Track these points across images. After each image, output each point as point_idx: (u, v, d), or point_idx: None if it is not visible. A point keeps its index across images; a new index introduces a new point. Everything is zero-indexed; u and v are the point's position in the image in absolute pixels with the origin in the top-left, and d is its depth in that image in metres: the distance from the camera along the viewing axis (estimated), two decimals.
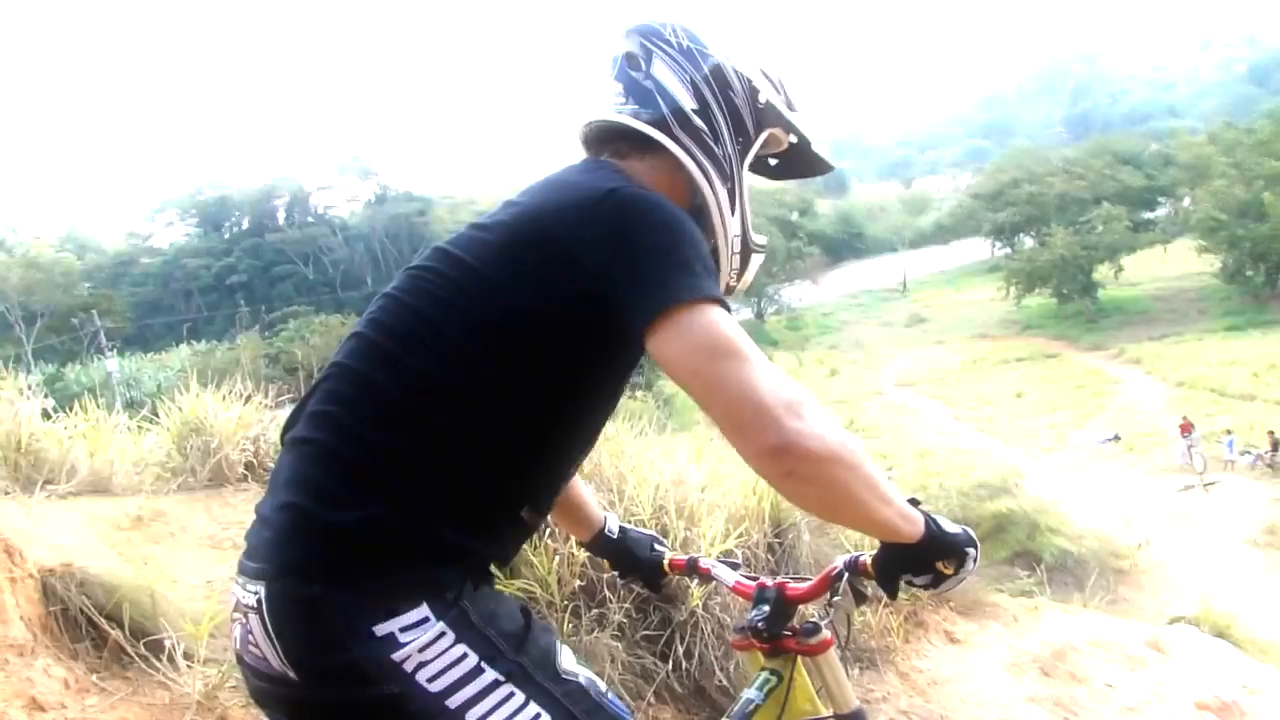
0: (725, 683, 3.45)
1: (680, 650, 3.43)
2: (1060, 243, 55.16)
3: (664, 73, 1.84)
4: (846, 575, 2.01)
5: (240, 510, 3.85)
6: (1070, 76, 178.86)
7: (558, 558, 3.30)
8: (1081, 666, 4.85)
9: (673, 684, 3.42)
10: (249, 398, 4.38)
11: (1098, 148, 71.98)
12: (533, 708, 1.58)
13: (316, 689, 1.55)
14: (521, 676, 1.60)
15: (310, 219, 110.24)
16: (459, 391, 1.62)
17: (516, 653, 1.61)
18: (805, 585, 2.09)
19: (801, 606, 2.08)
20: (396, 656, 1.51)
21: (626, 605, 3.39)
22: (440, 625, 1.54)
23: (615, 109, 1.85)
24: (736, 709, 1.97)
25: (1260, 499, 29.28)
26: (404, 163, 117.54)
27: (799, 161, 2.05)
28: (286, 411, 4.81)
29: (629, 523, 3.60)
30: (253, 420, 4.32)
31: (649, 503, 3.66)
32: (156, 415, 4.40)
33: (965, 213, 76.22)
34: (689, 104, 1.83)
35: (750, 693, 2.03)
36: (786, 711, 2.05)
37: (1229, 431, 33.46)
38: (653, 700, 3.36)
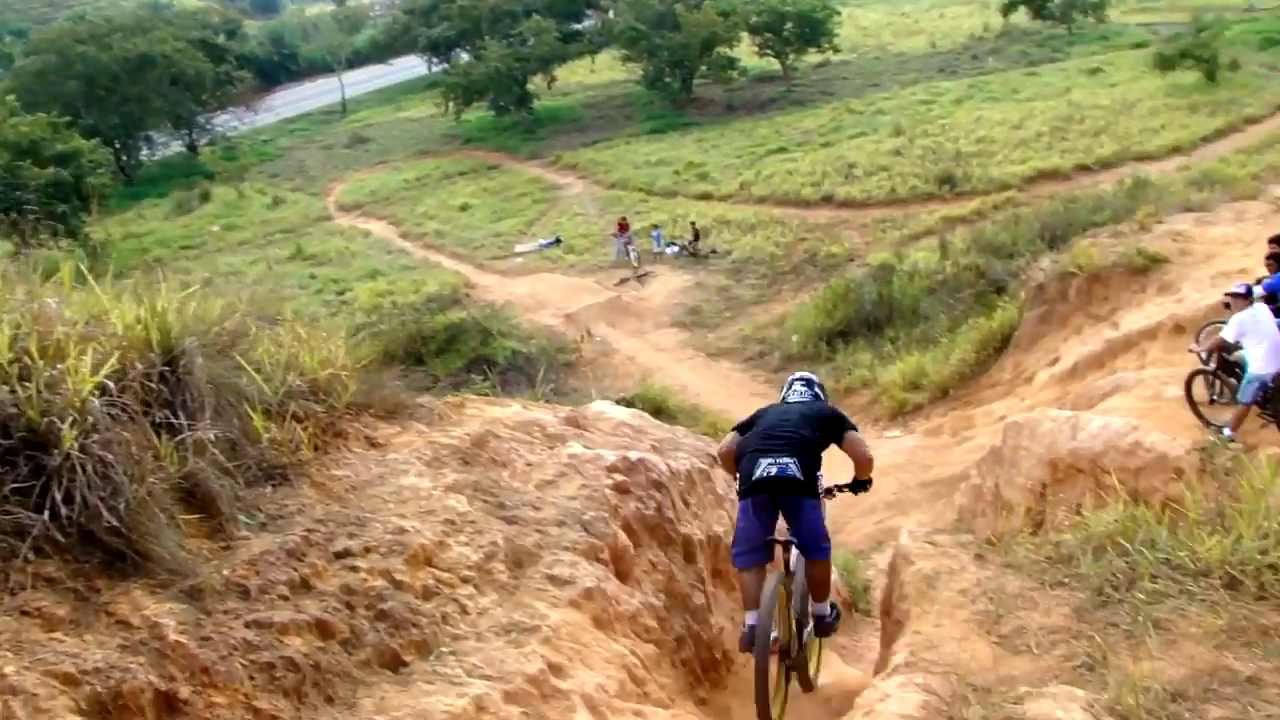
0: (115, 523, 3.11)
1: (59, 497, 3.07)
2: (494, 56, 55.82)
3: (818, 387, 7.08)
4: (833, 489, 6.82)
5: None
6: None
7: None
8: (503, 451, 5.00)
9: (54, 535, 3.04)
10: None
11: None
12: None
13: (804, 486, 6.06)
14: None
15: None
16: (817, 446, 6.33)
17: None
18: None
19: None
20: (818, 490, 6.32)
21: None
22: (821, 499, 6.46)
23: (802, 394, 6.92)
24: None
25: (685, 284, 32.37)
26: None
27: None
28: None
29: None
30: None
31: (6, 348, 3.22)
32: None
33: (400, 29, 74.87)
34: (822, 396, 7.12)
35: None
36: None
37: (656, 226, 36.40)
38: (32, 556, 2.98)
